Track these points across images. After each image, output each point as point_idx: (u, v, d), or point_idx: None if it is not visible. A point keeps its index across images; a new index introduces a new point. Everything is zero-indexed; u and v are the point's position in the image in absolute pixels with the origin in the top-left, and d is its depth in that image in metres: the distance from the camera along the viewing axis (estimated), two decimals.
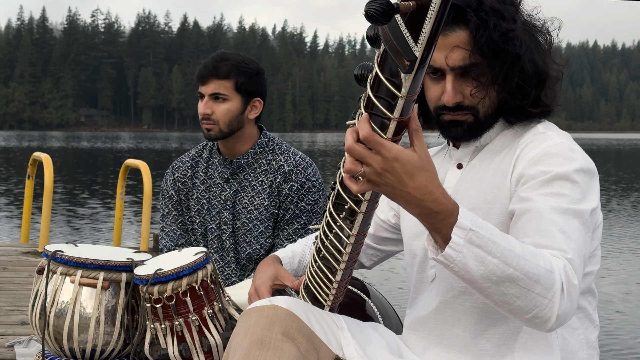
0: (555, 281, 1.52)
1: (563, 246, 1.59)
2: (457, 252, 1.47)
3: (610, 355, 5.81)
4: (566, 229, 1.62)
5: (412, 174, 1.41)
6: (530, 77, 1.79)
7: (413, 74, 1.29)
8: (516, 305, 1.51)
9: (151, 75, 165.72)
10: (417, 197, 1.43)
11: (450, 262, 1.48)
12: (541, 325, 1.54)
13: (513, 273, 1.48)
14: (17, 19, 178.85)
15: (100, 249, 2.70)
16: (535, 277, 1.50)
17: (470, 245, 1.47)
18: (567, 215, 1.64)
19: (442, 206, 1.45)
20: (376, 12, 1.21)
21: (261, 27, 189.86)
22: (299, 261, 2.20)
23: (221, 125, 2.96)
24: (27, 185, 7.42)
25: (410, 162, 1.40)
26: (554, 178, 1.69)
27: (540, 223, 1.63)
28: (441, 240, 1.49)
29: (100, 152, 45.92)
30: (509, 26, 1.76)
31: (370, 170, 1.40)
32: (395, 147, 1.38)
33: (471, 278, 1.49)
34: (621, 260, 9.91)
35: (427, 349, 1.91)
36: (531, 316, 1.53)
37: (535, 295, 1.50)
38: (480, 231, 1.47)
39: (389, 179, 1.40)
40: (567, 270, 1.55)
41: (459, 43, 1.78)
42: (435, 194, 1.44)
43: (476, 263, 1.47)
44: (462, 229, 1.46)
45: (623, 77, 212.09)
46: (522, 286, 1.49)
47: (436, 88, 1.84)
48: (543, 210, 1.65)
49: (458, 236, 1.46)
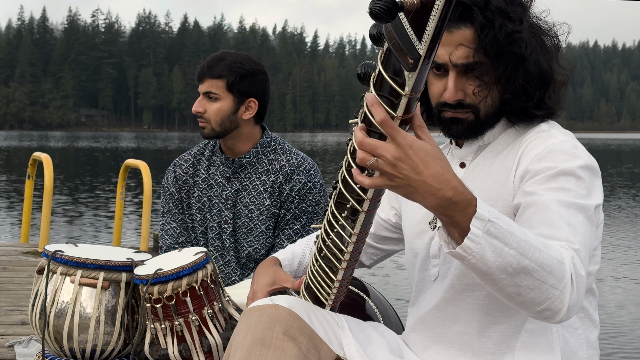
0: (566, 272, 1.50)
1: (570, 237, 1.58)
2: (476, 244, 1.43)
3: (611, 355, 5.80)
4: (572, 222, 1.61)
5: (427, 162, 1.37)
6: (534, 79, 1.79)
7: (417, 72, 1.29)
8: (529, 297, 1.49)
9: (152, 75, 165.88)
10: (434, 186, 1.38)
11: (469, 254, 1.44)
12: (551, 317, 1.52)
13: (529, 264, 1.46)
14: (17, 19, 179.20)
15: (100, 249, 2.69)
16: (548, 268, 1.47)
17: (489, 236, 1.43)
18: (572, 209, 1.63)
19: (461, 195, 1.41)
20: (381, 10, 1.20)
21: (261, 27, 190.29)
22: (298, 262, 2.19)
23: (213, 124, 2.96)
24: (27, 185, 7.42)
25: (423, 149, 1.37)
26: (559, 173, 1.69)
27: (547, 215, 1.62)
28: (458, 233, 1.44)
29: (100, 152, 45.96)
30: (514, 27, 1.75)
31: (383, 162, 1.36)
32: (408, 134, 1.36)
33: (488, 270, 1.46)
34: (621, 260, 9.91)
35: (428, 347, 1.91)
36: (542, 308, 1.50)
37: (549, 287, 1.48)
38: (498, 222, 1.44)
39: (403, 169, 1.36)
40: (575, 261, 1.54)
41: (463, 41, 1.77)
42: (452, 182, 1.40)
43: (494, 255, 1.44)
44: (481, 220, 1.42)
45: (623, 77, 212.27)
46: (536, 278, 1.47)
47: (439, 84, 1.83)
48: (549, 202, 1.64)
49: (477, 227, 1.42)
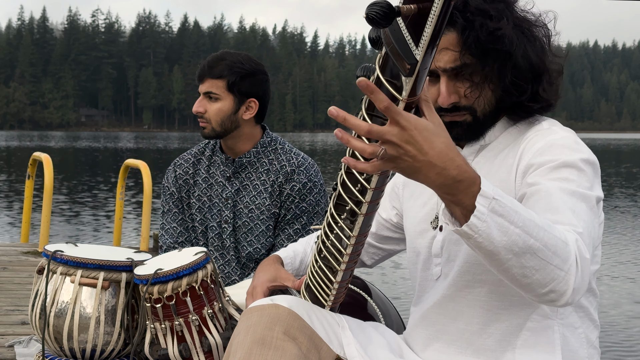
0: (571, 253, 1.50)
1: (573, 221, 1.58)
2: (482, 222, 1.42)
3: (611, 355, 5.81)
4: (575, 208, 1.62)
5: (432, 141, 1.37)
6: (525, 73, 1.79)
7: (414, 77, 1.29)
8: (534, 278, 1.48)
9: (152, 75, 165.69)
10: (439, 165, 1.39)
11: (475, 231, 1.43)
12: (556, 299, 1.51)
13: (534, 244, 1.45)
14: (17, 19, 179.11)
15: (100, 249, 2.69)
16: (553, 248, 1.47)
17: (494, 214, 1.43)
18: (575, 197, 1.64)
19: (465, 174, 1.41)
20: (377, 15, 1.20)
21: (261, 27, 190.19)
22: (300, 261, 2.20)
23: (213, 124, 2.97)
24: (27, 185, 7.42)
25: (427, 128, 1.37)
26: (561, 165, 1.70)
27: (550, 201, 1.63)
28: (460, 212, 1.44)
29: (100, 152, 45.90)
30: (495, 25, 1.76)
31: (389, 146, 1.36)
32: (411, 115, 1.36)
33: (494, 249, 1.45)
34: (621, 261, 9.91)
35: (429, 345, 1.91)
36: (547, 290, 1.49)
37: (554, 268, 1.47)
38: (502, 200, 1.44)
39: (409, 150, 1.36)
40: (579, 244, 1.53)
41: (448, 45, 1.78)
42: (457, 160, 1.40)
43: (499, 233, 1.44)
44: (486, 197, 1.42)
45: (623, 77, 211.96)
46: (541, 258, 1.46)
47: (433, 90, 1.84)
48: (552, 189, 1.65)
49: (482, 205, 1.42)
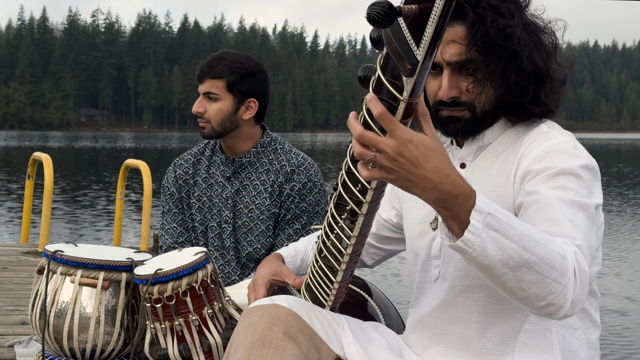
0: (569, 267, 1.50)
1: (572, 233, 1.58)
2: (476, 237, 1.43)
3: (611, 355, 5.81)
4: (573, 219, 1.61)
5: (427, 156, 1.37)
6: (529, 75, 1.78)
7: (415, 77, 1.29)
8: (532, 292, 1.48)
9: (152, 75, 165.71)
10: (434, 181, 1.39)
11: (470, 246, 1.43)
12: (555, 313, 1.51)
13: (530, 258, 1.46)
14: (17, 19, 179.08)
15: (100, 249, 2.70)
16: (550, 262, 1.47)
17: (489, 229, 1.43)
18: (574, 207, 1.64)
19: (460, 189, 1.41)
20: (378, 15, 1.20)
21: (262, 27, 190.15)
22: (301, 259, 2.20)
23: (213, 124, 2.97)
24: (27, 185, 7.42)
25: (424, 143, 1.37)
26: (559, 172, 1.69)
27: (549, 212, 1.62)
28: (457, 226, 1.45)
29: (100, 152, 45.91)
30: (506, 22, 1.75)
31: (382, 156, 1.36)
32: (408, 128, 1.35)
33: (489, 264, 1.45)
34: (622, 261, 9.91)
35: (428, 348, 1.91)
36: (545, 303, 1.49)
37: (551, 282, 1.47)
38: (497, 215, 1.44)
39: (402, 163, 1.36)
40: (578, 256, 1.53)
41: (455, 38, 1.78)
42: (452, 176, 1.40)
43: (494, 248, 1.44)
44: (481, 212, 1.42)
45: (624, 77, 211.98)
46: (538, 272, 1.46)
47: (434, 83, 1.84)
48: (550, 200, 1.64)
49: (477, 220, 1.42)
